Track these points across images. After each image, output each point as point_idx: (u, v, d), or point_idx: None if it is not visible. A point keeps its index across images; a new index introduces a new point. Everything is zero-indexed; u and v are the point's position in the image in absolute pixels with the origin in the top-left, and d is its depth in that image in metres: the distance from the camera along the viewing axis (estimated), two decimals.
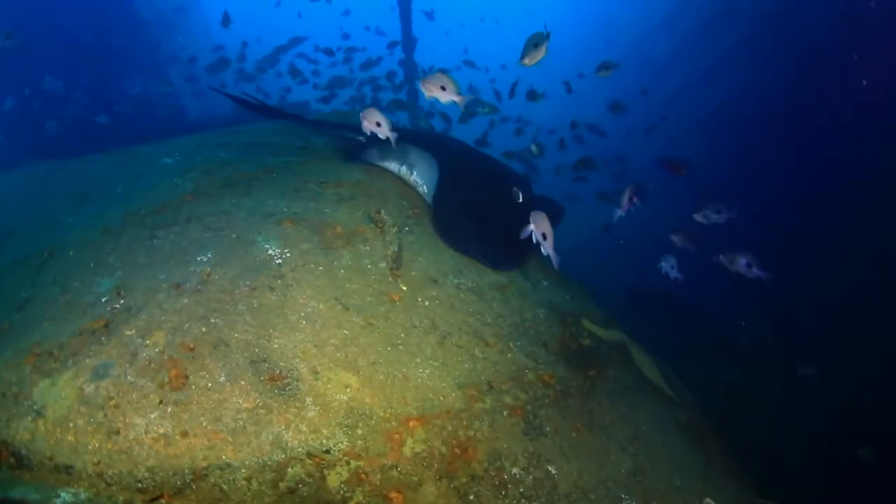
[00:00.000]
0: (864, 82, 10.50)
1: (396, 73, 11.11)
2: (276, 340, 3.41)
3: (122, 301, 3.73)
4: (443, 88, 4.28)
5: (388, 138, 4.60)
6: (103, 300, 3.74)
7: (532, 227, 3.89)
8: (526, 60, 4.50)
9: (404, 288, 3.81)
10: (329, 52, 10.08)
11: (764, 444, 6.91)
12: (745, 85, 13.64)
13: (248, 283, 3.69)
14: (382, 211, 4.12)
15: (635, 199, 5.34)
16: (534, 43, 4.47)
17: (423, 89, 4.31)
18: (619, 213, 5.23)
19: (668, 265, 5.55)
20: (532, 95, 8.99)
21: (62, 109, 9.59)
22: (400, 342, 3.50)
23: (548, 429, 3.55)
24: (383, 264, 3.89)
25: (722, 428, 5.25)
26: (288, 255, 3.85)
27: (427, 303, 3.79)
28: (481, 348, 3.69)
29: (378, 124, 4.58)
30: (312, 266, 3.80)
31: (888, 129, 10.24)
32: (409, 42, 12.22)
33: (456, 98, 4.26)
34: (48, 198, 5.30)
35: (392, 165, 5.03)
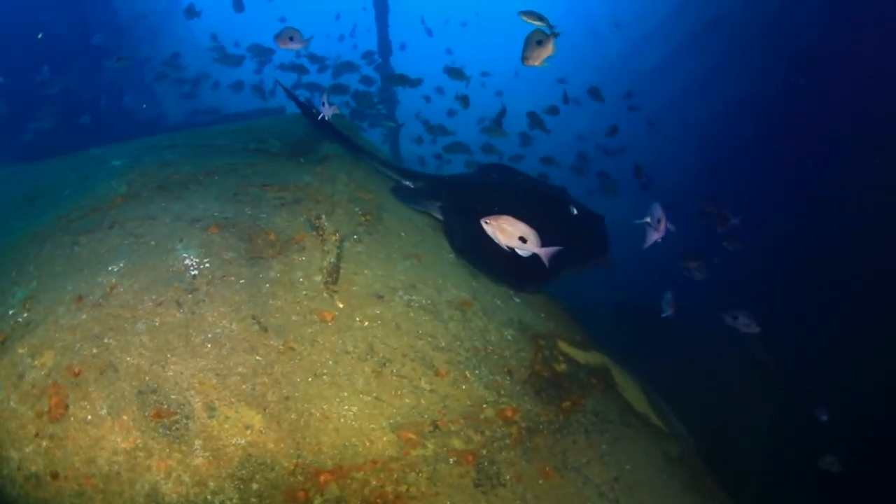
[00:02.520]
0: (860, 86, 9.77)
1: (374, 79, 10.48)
2: (171, 367, 2.73)
3: (25, 314, 3.12)
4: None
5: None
6: (10, 312, 3.16)
7: (495, 233, 3.20)
8: (530, 61, 3.75)
9: (340, 305, 3.11)
10: (314, 59, 9.56)
11: (761, 476, 6.06)
12: (737, 95, 12.91)
13: (153, 297, 3.02)
14: (323, 217, 3.44)
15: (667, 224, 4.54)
16: (536, 40, 3.71)
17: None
18: (656, 237, 4.19)
19: (666, 304, 4.81)
20: (554, 111, 8.35)
21: (40, 110, 9.19)
22: (325, 372, 2.79)
23: (507, 477, 2.79)
24: (318, 278, 3.20)
25: (715, 457, 4.57)
26: (206, 265, 3.18)
27: (367, 323, 3.08)
28: (429, 379, 2.96)
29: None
30: (233, 279, 3.12)
31: (883, 137, 9.49)
32: (385, 47, 11.59)
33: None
34: (1, 202, 4.88)
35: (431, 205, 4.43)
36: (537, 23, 3.73)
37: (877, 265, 8.34)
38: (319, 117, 4.61)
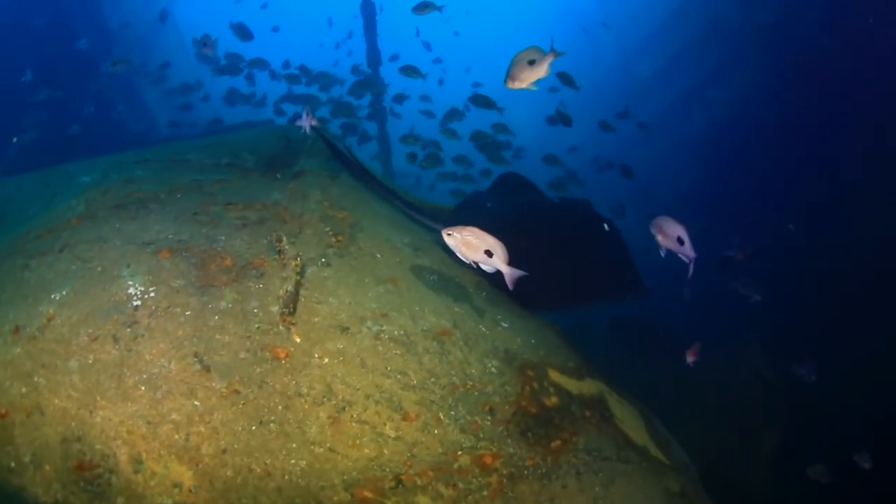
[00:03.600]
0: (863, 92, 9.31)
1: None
2: (99, 412, 2.37)
3: None
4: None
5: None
6: None
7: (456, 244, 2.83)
8: (516, 83, 3.25)
9: (297, 340, 2.74)
10: (304, 71, 9.19)
11: (764, 498, 5.55)
12: (736, 102, 12.45)
13: (90, 330, 2.68)
14: (285, 239, 3.09)
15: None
16: (528, 59, 3.19)
17: None
18: (691, 256, 3.82)
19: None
20: (565, 120, 7.96)
21: (24, 120, 8.95)
22: (272, 419, 2.42)
23: None
24: (275, 308, 2.84)
25: (716, 481, 4.28)
26: (151, 294, 2.83)
27: (327, 360, 2.70)
28: (395, 424, 2.58)
29: None
30: (178, 310, 2.77)
31: (884, 145, 9.01)
32: (374, 56, 11.23)
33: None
34: None
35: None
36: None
37: (884, 273, 7.81)
38: (298, 125, 4.29)
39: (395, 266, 3.52)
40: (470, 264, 3.11)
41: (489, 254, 2.72)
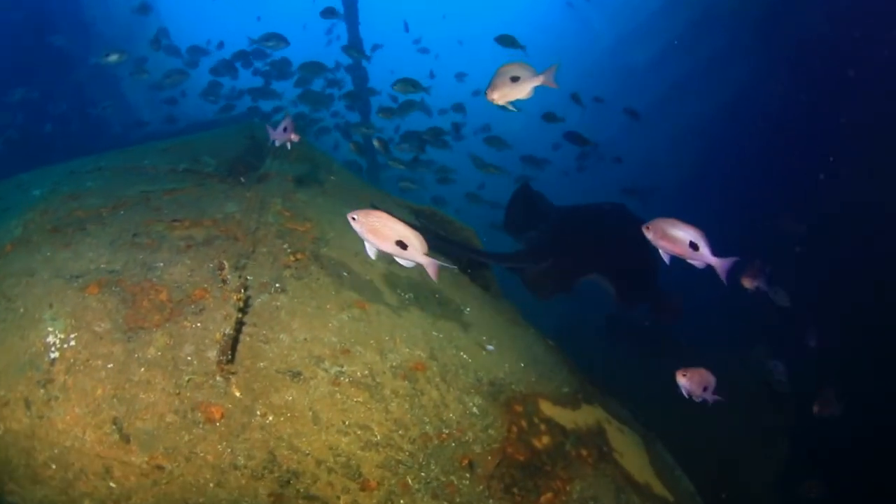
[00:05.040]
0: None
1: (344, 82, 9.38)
2: (7, 497, 2.00)
3: None
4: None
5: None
6: None
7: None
8: (495, 97, 2.68)
9: (237, 394, 2.31)
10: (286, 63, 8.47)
11: None
12: (732, 91, 11.58)
13: (1, 393, 2.29)
14: (227, 265, 2.63)
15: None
16: (511, 75, 2.66)
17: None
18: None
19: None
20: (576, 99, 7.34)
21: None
22: (202, 501, 2.02)
23: None
24: (213, 353, 2.41)
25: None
26: (72, 343, 2.42)
27: (271, 418, 2.28)
28: (351, 497, 2.15)
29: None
30: (99, 362, 2.35)
31: (884, 135, 8.18)
32: (356, 44, 10.39)
33: None
34: None
35: None
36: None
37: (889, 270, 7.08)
38: (271, 141, 3.71)
39: (365, 285, 3.05)
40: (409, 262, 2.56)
41: (403, 245, 2.20)
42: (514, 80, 2.62)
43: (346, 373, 2.52)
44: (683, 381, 3.18)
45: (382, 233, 2.24)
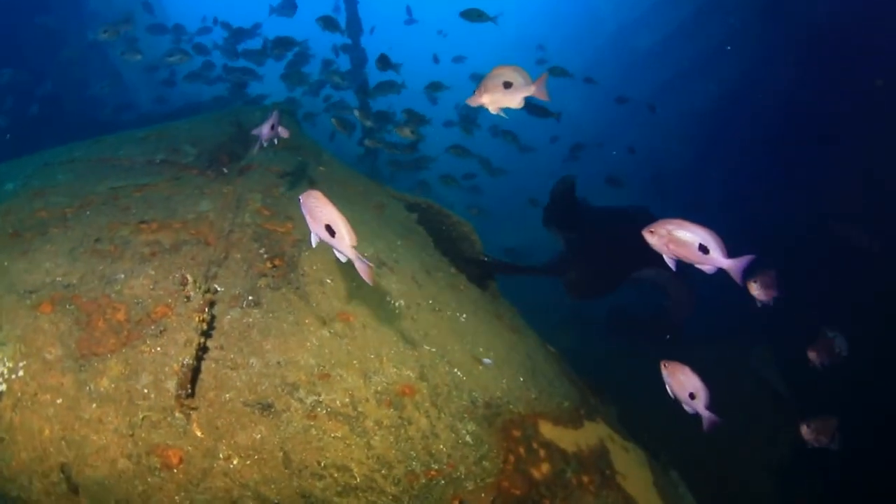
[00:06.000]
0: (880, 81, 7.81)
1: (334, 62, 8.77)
2: None
3: None
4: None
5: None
6: None
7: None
8: (483, 100, 2.32)
9: (198, 433, 2.05)
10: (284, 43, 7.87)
11: None
12: (738, 78, 10.79)
13: None
14: (190, 279, 2.34)
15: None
16: (505, 81, 2.34)
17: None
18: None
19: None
20: (560, 72, 6.82)
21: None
22: None
23: None
24: (173, 383, 2.14)
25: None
26: (20, 373, 2.16)
27: (236, 461, 2.02)
28: None
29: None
30: (48, 396, 2.09)
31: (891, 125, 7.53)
32: (355, 24, 9.68)
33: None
34: None
35: None
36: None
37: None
38: (258, 142, 3.32)
39: (350, 293, 2.75)
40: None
41: (331, 232, 1.87)
42: (507, 85, 2.27)
43: (324, 402, 2.25)
44: (665, 373, 2.80)
45: (315, 215, 1.90)
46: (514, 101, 2.29)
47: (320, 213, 1.86)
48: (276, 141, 3.14)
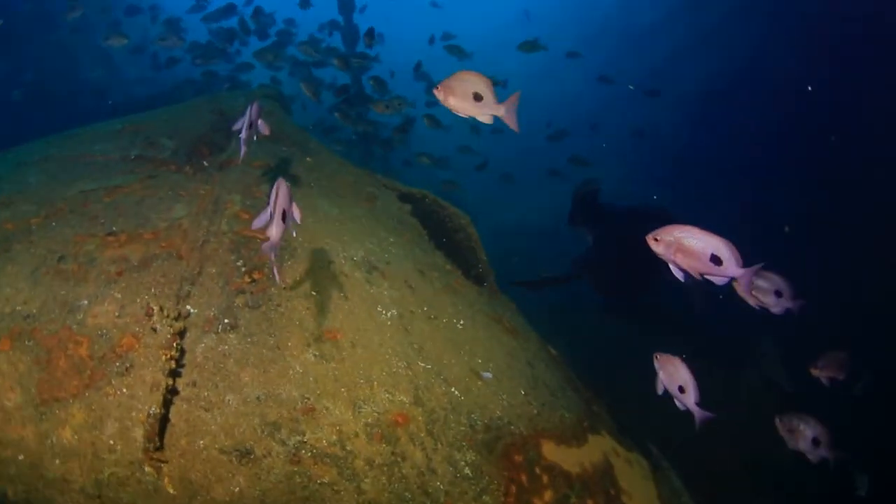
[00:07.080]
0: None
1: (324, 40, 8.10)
2: None
3: None
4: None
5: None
6: None
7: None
8: (452, 102, 2.21)
9: (171, 490, 1.86)
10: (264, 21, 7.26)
11: None
12: (742, 57, 9.86)
13: None
14: (156, 307, 2.09)
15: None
16: (474, 91, 2.15)
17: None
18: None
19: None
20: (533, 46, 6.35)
21: None
22: None
23: None
24: (140, 432, 1.94)
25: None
26: None
27: None
28: None
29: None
30: (9, 453, 1.91)
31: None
32: (347, 2, 8.86)
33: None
34: None
35: None
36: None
37: None
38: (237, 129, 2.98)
39: (338, 306, 2.50)
40: None
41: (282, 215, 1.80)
42: (476, 97, 2.12)
43: (309, 443, 2.04)
44: (657, 364, 2.56)
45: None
46: (481, 117, 2.09)
47: (280, 198, 1.85)
48: (255, 138, 2.82)
